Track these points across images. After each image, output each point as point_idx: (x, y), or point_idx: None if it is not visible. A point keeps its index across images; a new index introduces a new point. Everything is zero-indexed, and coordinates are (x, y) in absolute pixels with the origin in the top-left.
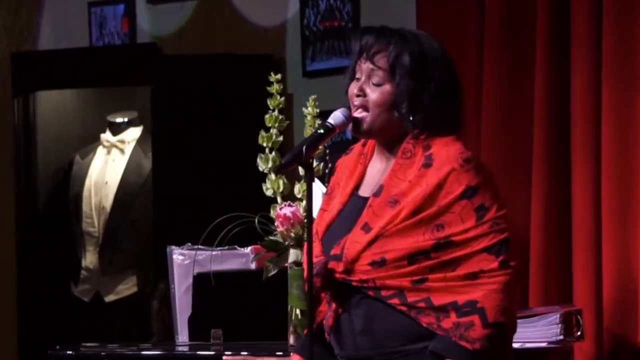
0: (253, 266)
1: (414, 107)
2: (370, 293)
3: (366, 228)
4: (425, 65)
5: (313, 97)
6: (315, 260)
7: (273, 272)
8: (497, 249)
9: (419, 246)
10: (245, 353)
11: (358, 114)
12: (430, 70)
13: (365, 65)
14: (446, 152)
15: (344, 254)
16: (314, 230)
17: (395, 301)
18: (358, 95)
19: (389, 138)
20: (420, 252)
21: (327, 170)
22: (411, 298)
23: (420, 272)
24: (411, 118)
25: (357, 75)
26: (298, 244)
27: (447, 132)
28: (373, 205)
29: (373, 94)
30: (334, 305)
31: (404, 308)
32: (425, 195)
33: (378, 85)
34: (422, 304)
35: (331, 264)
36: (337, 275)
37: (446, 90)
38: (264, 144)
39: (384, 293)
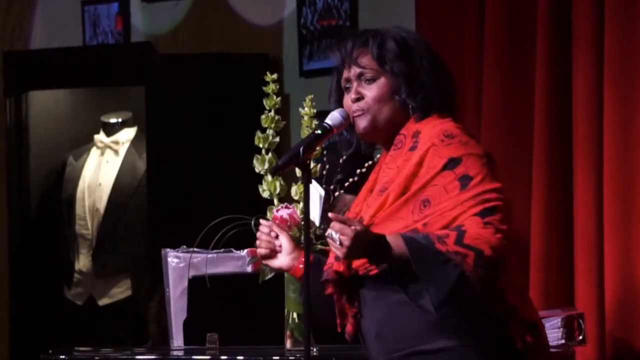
0: (249, 269)
1: (413, 88)
2: (371, 274)
3: (360, 221)
4: (410, 47)
5: (310, 97)
6: (326, 268)
7: (270, 276)
8: (482, 212)
9: (409, 227)
10: (242, 358)
11: (358, 117)
12: (416, 50)
13: (352, 71)
14: (429, 133)
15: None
16: None
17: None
18: (357, 100)
19: (393, 133)
20: (409, 229)
21: (324, 172)
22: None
23: None
24: (413, 99)
25: (347, 85)
26: None
27: (447, 110)
28: (367, 199)
29: (370, 92)
30: (353, 310)
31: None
32: (409, 175)
33: (372, 80)
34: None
35: (335, 266)
36: (345, 274)
37: (438, 66)
38: (260, 145)
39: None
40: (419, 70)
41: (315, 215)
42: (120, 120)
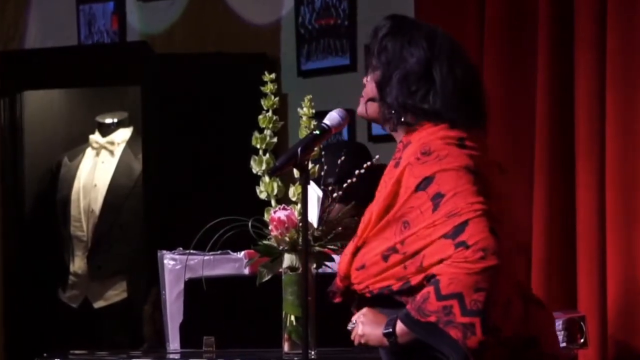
0: (246, 271)
1: (383, 101)
2: (367, 295)
3: (355, 238)
4: (396, 56)
5: (308, 97)
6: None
7: (267, 278)
8: (453, 232)
9: (390, 245)
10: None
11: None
12: (400, 61)
13: None
14: (412, 147)
15: (338, 268)
16: None
17: (385, 292)
18: (364, 84)
19: (393, 134)
20: (390, 248)
21: (322, 173)
22: (396, 287)
23: (396, 271)
24: (387, 110)
25: None
26: (292, 249)
27: (445, 117)
28: (365, 213)
29: (367, 86)
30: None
31: (399, 298)
32: (389, 195)
33: (369, 75)
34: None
35: (338, 280)
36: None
37: (416, 82)
38: (258, 146)
39: (376, 292)
40: (389, 83)
41: (313, 216)
42: (115, 120)
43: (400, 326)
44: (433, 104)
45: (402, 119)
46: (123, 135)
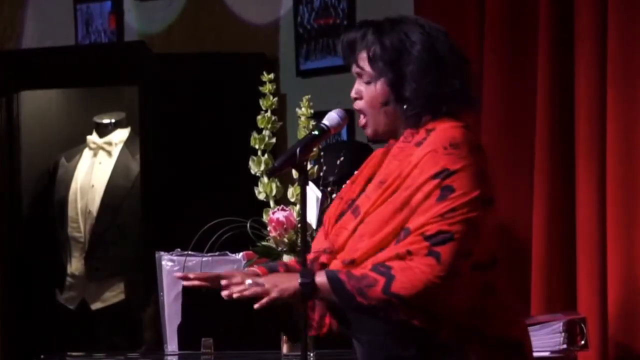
0: None
1: (400, 99)
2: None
3: (356, 212)
4: (400, 51)
5: (307, 97)
6: (310, 256)
7: None
8: (435, 239)
9: (389, 219)
10: None
11: (361, 121)
12: (406, 54)
13: (353, 68)
14: (438, 135)
15: (332, 242)
16: (325, 219)
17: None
18: (355, 99)
19: (401, 131)
20: (388, 221)
21: (321, 173)
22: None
23: (387, 242)
24: (405, 108)
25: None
26: (291, 250)
27: (455, 112)
28: (367, 189)
29: (366, 94)
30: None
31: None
32: (402, 174)
33: (368, 83)
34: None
35: (322, 258)
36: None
37: (430, 68)
38: (257, 146)
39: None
40: (405, 79)
41: (312, 217)
42: (113, 120)
43: (323, 281)
44: (452, 85)
45: (426, 111)
46: (121, 135)
